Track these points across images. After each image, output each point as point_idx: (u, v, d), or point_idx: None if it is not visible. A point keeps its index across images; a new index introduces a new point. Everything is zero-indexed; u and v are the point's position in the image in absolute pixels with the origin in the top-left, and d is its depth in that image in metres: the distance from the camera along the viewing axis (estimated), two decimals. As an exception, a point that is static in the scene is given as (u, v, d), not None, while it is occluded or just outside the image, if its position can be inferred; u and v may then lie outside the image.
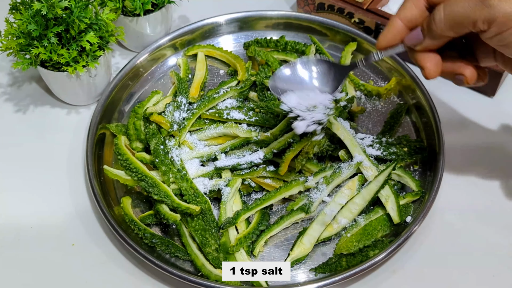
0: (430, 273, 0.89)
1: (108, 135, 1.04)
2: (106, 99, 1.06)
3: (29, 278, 0.90)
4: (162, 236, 0.92)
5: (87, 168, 0.96)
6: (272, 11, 1.19)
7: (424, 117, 1.04)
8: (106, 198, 0.95)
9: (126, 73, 1.10)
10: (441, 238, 0.93)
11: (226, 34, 1.20)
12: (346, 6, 1.17)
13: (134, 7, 1.10)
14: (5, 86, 1.16)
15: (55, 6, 0.95)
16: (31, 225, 0.96)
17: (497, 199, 0.97)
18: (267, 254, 0.92)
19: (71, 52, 0.99)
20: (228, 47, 1.18)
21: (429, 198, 0.92)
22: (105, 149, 1.03)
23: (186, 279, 0.84)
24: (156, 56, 1.15)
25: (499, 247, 0.92)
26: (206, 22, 1.18)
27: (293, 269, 0.90)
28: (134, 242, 0.87)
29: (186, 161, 0.98)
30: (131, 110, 1.03)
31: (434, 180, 0.94)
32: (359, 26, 1.18)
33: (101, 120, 1.03)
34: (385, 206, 0.92)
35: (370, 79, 1.14)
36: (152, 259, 0.86)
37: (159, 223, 0.94)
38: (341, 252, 0.89)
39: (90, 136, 1.00)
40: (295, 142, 0.96)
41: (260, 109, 1.03)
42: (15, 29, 0.99)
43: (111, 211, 0.92)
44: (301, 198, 0.94)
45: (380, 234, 0.91)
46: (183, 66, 1.13)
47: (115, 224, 0.89)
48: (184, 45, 1.18)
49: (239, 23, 1.20)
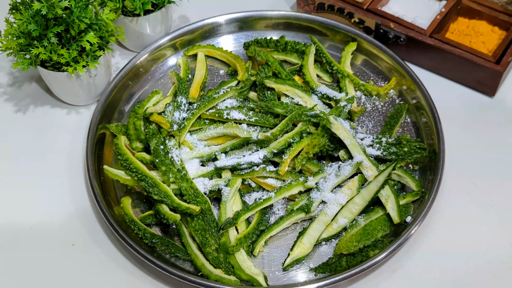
0: (430, 273, 0.89)
1: (108, 135, 1.04)
2: (106, 99, 1.06)
3: (29, 278, 0.90)
4: (162, 236, 0.92)
5: (87, 168, 0.96)
6: (272, 11, 1.19)
7: (424, 117, 1.04)
8: (106, 198, 0.95)
9: (126, 73, 1.10)
10: (441, 238, 0.93)
11: (226, 34, 1.20)
12: (346, 6, 1.17)
13: (134, 7, 1.10)
14: (5, 86, 1.16)
15: (55, 6, 0.95)
16: (31, 225, 0.96)
17: (497, 199, 0.97)
18: (267, 254, 0.91)
19: (71, 52, 0.99)
20: (228, 47, 1.18)
21: (429, 198, 0.92)
22: (105, 149, 1.03)
23: (186, 279, 0.84)
24: (156, 56, 1.15)
25: (499, 247, 0.92)
26: (206, 22, 1.18)
27: (293, 269, 0.90)
28: (134, 242, 0.87)
29: (186, 161, 0.98)
30: (131, 110, 1.03)
31: (434, 180, 0.94)
32: (359, 26, 1.18)
33: (101, 120, 1.03)
34: (385, 206, 0.92)
35: (370, 79, 1.14)
36: (152, 259, 0.86)
37: (159, 223, 0.94)
38: (341, 252, 0.89)
39: (90, 136, 1.00)
40: (295, 142, 0.96)
41: (260, 109, 1.03)
42: (15, 29, 0.99)
43: (111, 211, 0.92)
44: (301, 198, 0.94)
45: (380, 234, 0.91)
46: (183, 66, 1.13)
47: (115, 224, 0.89)
48: (184, 45, 1.18)
49: (239, 23, 1.20)
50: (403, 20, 1.14)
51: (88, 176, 0.96)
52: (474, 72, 1.09)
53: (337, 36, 1.18)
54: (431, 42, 1.10)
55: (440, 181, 0.93)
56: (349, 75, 1.10)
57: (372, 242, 0.90)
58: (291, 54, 1.14)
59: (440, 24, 1.13)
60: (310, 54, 1.11)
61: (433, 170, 0.96)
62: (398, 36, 1.13)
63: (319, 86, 1.07)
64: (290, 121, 0.98)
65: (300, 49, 1.13)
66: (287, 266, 0.89)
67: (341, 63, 1.13)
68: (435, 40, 1.11)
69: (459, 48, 1.09)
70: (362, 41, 1.14)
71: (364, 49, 1.15)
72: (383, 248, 0.87)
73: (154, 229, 0.93)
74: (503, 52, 1.09)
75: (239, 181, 0.95)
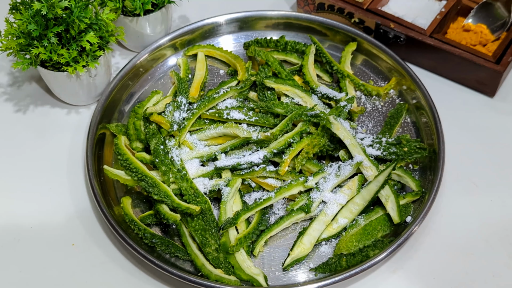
0: (430, 273, 0.89)
1: (108, 135, 1.04)
2: (106, 99, 1.06)
3: (29, 278, 0.90)
4: (162, 236, 0.92)
5: (87, 168, 0.96)
6: (272, 11, 1.19)
7: (424, 117, 1.04)
8: (106, 198, 0.95)
9: (126, 73, 1.10)
10: (441, 238, 0.93)
11: (226, 34, 1.20)
12: (346, 6, 1.17)
13: (134, 7, 1.10)
14: (5, 86, 1.16)
15: (55, 6, 0.95)
16: (31, 225, 0.96)
17: (497, 199, 0.97)
18: (267, 254, 0.91)
19: (71, 52, 0.99)
20: (228, 47, 1.18)
21: (429, 198, 0.92)
22: (105, 149, 1.03)
23: (186, 279, 0.84)
24: (156, 56, 1.15)
25: (499, 247, 0.92)
26: (206, 22, 1.18)
27: (293, 269, 0.90)
28: (134, 242, 0.87)
29: (186, 161, 0.98)
30: (131, 110, 1.03)
31: (434, 180, 0.94)
32: (359, 26, 1.18)
33: (101, 120, 1.03)
34: (385, 206, 0.92)
35: (370, 79, 1.14)
36: (152, 259, 0.86)
37: (159, 223, 0.94)
38: (341, 252, 0.89)
39: (90, 136, 1.00)
40: (295, 142, 0.96)
41: (260, 109, 1.03)
42: (15, 29, 0.99)
43: (111, 211, 0.92)
44: (301, 198, 0.94)
45: (380, 234, 0.91)
46: (183, 66, 1.13)
47: (115, 224, 0.89)
48: (184, 45, 1.18)
49: (239, 23, 1.20)
50: (403, 20, 1.14)
51: (88, 176, 0.96)
52: (474, 72, 1.09)
53: (337, 36, 1.18)
54: (431, 42, 1.10)
55: (440, 181, 0.93)
56: (349, 75, 1.10)
57: (372, 242, 0.90)
58: (291, 54, 1.14)
59: (440, 24, 1.13)
60: (310, 54, 1.11)
61: (433, 170, 0.96)
62: (398, 36, 1.13)
63: (319, 86, 1.07)
64: (290, 121, 0.98)
65: (300, 49, 1.13)
66: (287, 266, 0.89)
67: (341, 63, 1.13)
68: (435, 40, 1.11)
69: (459, 48, 1.09)
70: (362, 41, 1.14)
71: (364, 49, 1.15)
72: (383, 248, 0.87)
73: (154, 229, 0.93)
74: (503, 52, 1.09)
75: (239, 181, 0.95)
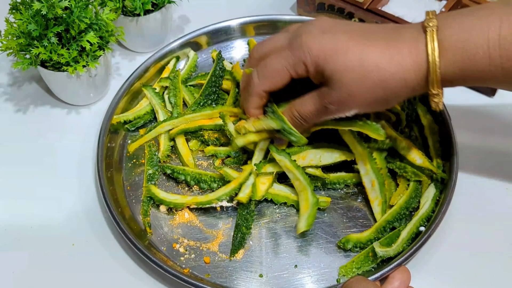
0: (430, 273, 0.89)
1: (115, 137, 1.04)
2: (119, 99, 1.05)
3: (29, 278, 0.90)
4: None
5: (97, 166, 0.96)
6: (285, 16, 1.17)
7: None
8: (114, 197, 0.94)
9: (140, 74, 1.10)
10: (441, 238, 0.93)
11: (239, 38, 1.18)
12: (346, 6, 1.17)
13: (134, 7, 1.10)
14: (5, 86, 1.16)
15: (55, 6, 0.95)
16: (31, 225, 0.96)
17: (497, 199, 0.97)
18: (269, 257, 0.91)
19: (71, 52, 0.99)
20: (241, 51, 1.17)
21: (441, 208, 0.90)
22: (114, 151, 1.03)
23: (186, 281, 0.84)
24: (167, 60, 1.14)
25: (500, 247, 0.92)
26: (218, 26, 1.16)
27: (299, 277, 0.89)
28: (136, 241, 0.87)
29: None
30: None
31: (448, 185, 0.93)
32: (359, 26, 1.18)
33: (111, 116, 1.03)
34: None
35: (370, 79, 1.13)
36: (154, 259, 0.85)
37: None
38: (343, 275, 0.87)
39: (101, 138, 1.00)
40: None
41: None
42: (15, 29, 0.99)
43: (115, 210, 0.91)
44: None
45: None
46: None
47: (121, 223, 0.89)
48: (196, 48, 1.16)
49: (252, 27, 1.18)
50: (403, 20, 1.14)
51: (98, 175, 0.95)
52: (474, 72, 1.09)
53: (337, 36, 1.17)
54: (431, 42, 1.10)
55: (454, 185, 0.92)
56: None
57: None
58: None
59: (440, 24, 1.13)
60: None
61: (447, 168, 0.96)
62: (398, 36, 1.13)
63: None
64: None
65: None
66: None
67: (341, 63, 1.13)
68: (435, 40, 1.11)
69: (459, 48, 1.09)
70: (362, 41, 1.14)
71: (364, 49, 1.15)
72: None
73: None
74: (503, 52, 1.09)
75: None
